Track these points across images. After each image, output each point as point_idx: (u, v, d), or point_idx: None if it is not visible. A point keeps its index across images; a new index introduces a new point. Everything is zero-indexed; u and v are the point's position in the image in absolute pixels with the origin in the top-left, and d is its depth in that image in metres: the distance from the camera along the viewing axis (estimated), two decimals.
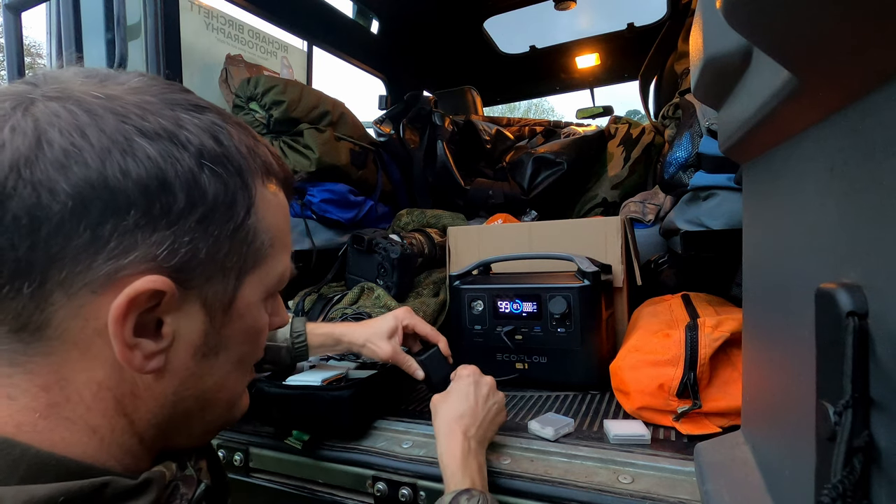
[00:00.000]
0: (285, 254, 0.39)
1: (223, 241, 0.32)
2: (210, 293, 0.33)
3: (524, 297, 0.88)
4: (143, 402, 0.32)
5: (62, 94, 0.29)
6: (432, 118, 1.75)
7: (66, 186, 0.27)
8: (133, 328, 0.30)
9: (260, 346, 0.40)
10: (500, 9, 2.08)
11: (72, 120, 0.28)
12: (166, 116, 0.31)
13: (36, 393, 0.29)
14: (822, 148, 0.28)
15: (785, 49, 0.24)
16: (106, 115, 0.29)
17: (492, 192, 1.65)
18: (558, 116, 13.17)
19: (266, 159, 0.36)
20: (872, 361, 0.21)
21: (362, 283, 1.15)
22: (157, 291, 0.30)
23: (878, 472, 0.21)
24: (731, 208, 0.74)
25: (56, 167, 0.27)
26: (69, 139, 0.28)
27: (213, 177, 0.32)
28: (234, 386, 0.38)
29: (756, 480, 0.40)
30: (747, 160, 0.46)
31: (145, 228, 0.29)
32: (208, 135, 0.32)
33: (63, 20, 0.84)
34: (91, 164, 0.28)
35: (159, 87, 0.33)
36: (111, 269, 0.29)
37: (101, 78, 0.32)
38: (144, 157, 0.29)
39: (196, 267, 0.31)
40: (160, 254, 0.30)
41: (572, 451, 0.64)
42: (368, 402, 0.76)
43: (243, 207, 0.33)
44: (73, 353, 0.30)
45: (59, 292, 0.28)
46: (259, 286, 0.36)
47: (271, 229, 0.36)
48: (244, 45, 1.70)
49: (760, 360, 0.43)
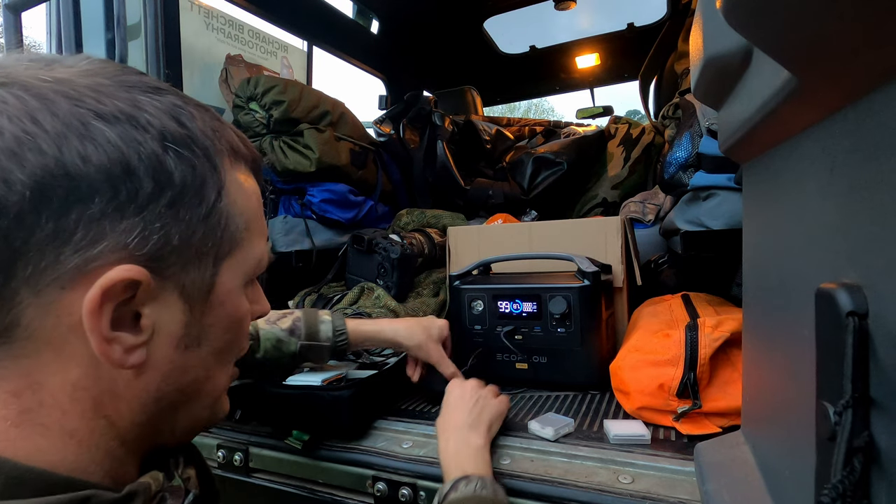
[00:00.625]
0: (261, 238, 0.38)
1: (196, 226, 0.31)
2: (187, 281, 0.32)
3: (524, 297, 0.88)
4: (123, 402, 0.31)
5: (6, 79, 0.27)
6: (432, 118, 1.75)
7: (21, 176, 0.25)
8: (110, 321, 0.28)
9: (243, 336, 0.38)
10: (500, 9, 2.08)
11: (20, 106, 0.26)
12: (123, 99, 0.29)
13: (6, 399, 0.28)
14: (822, 148, 0.28)
15: (785, 49, 0.24)
16: (57, 99, 0.27)
17: (492, 192, 1.65)
18: (558, 116, 13.17)
19: (232, 141, 0.35)
20: (872, 361, 0.21)
21: (362, 283, 1.15)
22: (132, 281, 0.28)
23: (878, 472, 0.21)
24: (731, 208, 0.74)
25: (8, 156, 0.25)
26: (20, 126, 0.26)
27: (179, 159, 0.30)
28: (217, 379, 0.37)
29: (756, 480, 0.40)
30: (747, 160, 0.46)
31: (112, 216, 0.28)
32: (169, 116, 0.30)
33: (63, 20, 0.84)
34: (47, 151, 0.26)
35: (112, 70, 0.31)
36: (80, 262, 0.27)
37: (46, 62, 0.30)
38: (104, 140, 0.27)
39: (170, 254, 0.30)
40: (131, 242, 0.28)
41: (572, 451, 0.64)
42: (368, 402, 0.76)
43: (213, 190, 0.32)
44: (46, 354, 0.28)
45: (25, 290, 0.27)
46: (238, 271, 0.35)
47: (245, 212, 0.35)
48: (244, 45, 1.70)
49: (760, 360, 0.43)
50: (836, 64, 0.23)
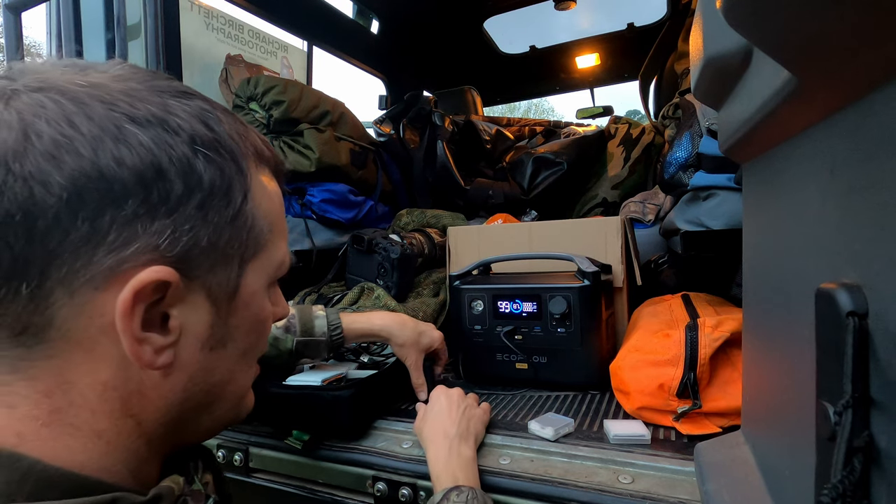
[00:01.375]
0: (283, 240, 0.38)
1: (223, 228, 0.32)
2: (214, 283, 0.32)
3: (524, 297, 0.88)
4: (150, 402, 0.31)
5: (44, 84, 0.28)
6: (432, 118, 1.75)
7: (59, 178, 0.26)
8: (141, 322, 0.29)
9: (265, 337, 0.39)
10: (500, 9, 2.08)
11: (58, 110, 0.27)
12: (154, 103, 0.30)
13: (38, 399, 0.28)
14: (822, 148, 0.28)
15: (785, 49, 0.24)
16: (93, 104, 0.28)
17: (492, 192, 1.65)
18: (558, 116, 13.17)
19: (257, 145, 0.36)
20: (872, 361, 0.21)
21: (362, 283, 1.15)
22: (163, 282, 0.29)
23: (878, 472, 0.21)
24: (731, 208, 0.74)
25: (47, 159, 0.26)
26: (58, 129, 0.26)
27: (208, 162, 0.31)
28: (241, 379, 0.37)
29: (756, 480, 0.40)
30: (747, 160, 0.46)
31: (144, 218, 0.28)
32: (198, 120, 0.31)
33: (63, 20, 0.84)
34: (84, 154, 0.26)
35: (143, 75, 0.32)
36: (113, 263, 0.28)
37: (81, 67, 0.30)
38: (137, 143, 0.28)
39: (198, 255, 0.31)
40: (161, 243, 0.29)
41: (572, 451, 0.64)
42: (368, 402, 0.76)
43: (240, 193, 0.33)
44: (77, 354, 0.28)
45: (59, 290, 0.27)
46: (262, 273, 0.36)
47: (269, 215, 0.36)
48: (244, 45, 1.70)
49: (760, 360, 0.43)
50: (836, 64, 0.23)
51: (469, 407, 0.69)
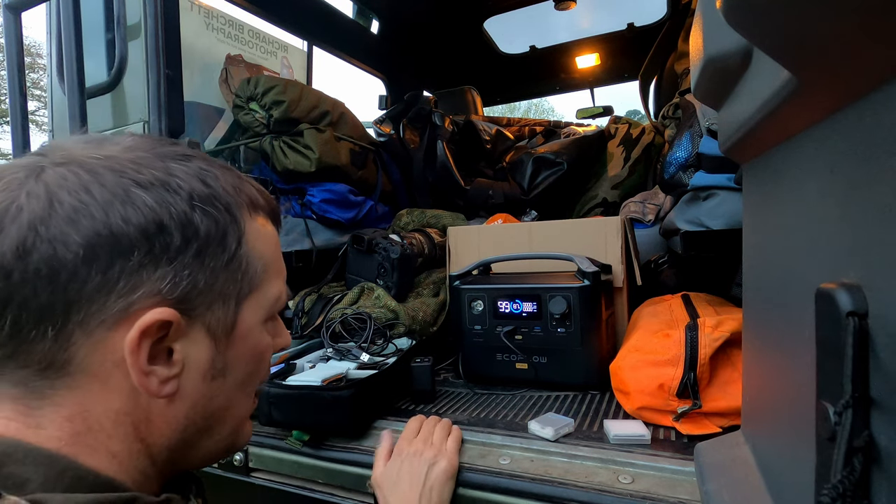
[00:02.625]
0: (279, 278, 0.42)
1: (219, 272, 0.36)
2: (212, 319, 0.36)
3: (524, 297, 0.88)
4: (157, 427, 0.36)
5: (67, 159, 0.33)
6: (432, 118, 1.75)
7: (77, 238, 0.31)
8: (147, 357, 0.33)
9: (264, 367, 0.43)
10: (500, 9, 2.08)
11: (77, 181, 0.32)
12: (158, 168, 0.35)
13: (61, 423, 0.32)
14: (822, 148, 0.28)
15: (785, 49, 0.24)
16: (105, 173, 0.33)
17: (492, 192, 1.65)
18: (558, 116, 13.18)
19: (251, 195, 0.40)
20: (872, 361, 0.21)
21: (362, 283, 1.15)
22: (165, 322, 0.33)
23: (878, 472, 0.21)
24: (731, 208, 0.74)
25: (67, 223, 0.31)
26: (77, 197, 0.31)
27: (205, 215, 0.35)
28: (239, 406, 0.41)
29: (756, 480, 0.40)
30: (747, 160, 0.46)
31: (149, 267, 0.33)
32: (197, 179, 0.36)
33: (63, 20, 0.84)
34: (97, 216, 0.31)
35: (150, 143, 0.37)
36: (123, 306, 0.32)
37: (98, 142, 0.36)
38: (142, 204, 0.33)
39: (197, 297, 0.35)
40: (164, 288, 0.33)
41: (572, 451, 0.64)
42: (368, 402, 0.76)
43: (234, 239, 0.37)
44: (94, 386, 0.33)
45: (78, 332, 0.32)
46: (258, 309, 0.40)
47: (263, 256, 0.40)
48: (244, 45, 1.70)
49: (760, 360, 0.43)
50: (836, 64, 0.23)
51: (433, 465, 0.63)
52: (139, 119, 1.00)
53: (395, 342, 0.96)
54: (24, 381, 0.32)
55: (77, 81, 0.84)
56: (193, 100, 1.43)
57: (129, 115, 1.03)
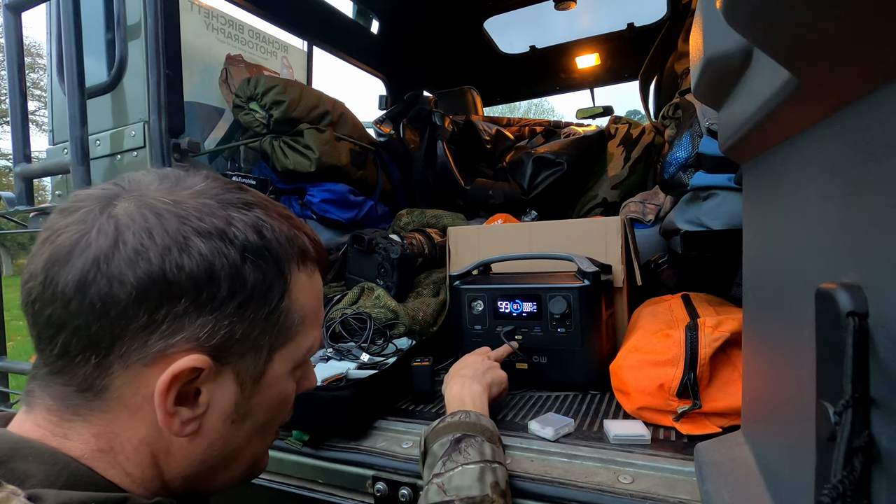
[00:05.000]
0: (315, 328, 0.43)
1: (258, 323, 0.37)
2: (243, 368, 0.37)
3: (524, 297, 0.88)
4: (174, 459, 0.37)
5: (139, 198, 0.35)
6: (432, 118, 1.75)
7: (132, 279, 0.32)
8: (175, 398, 0.34)
9: (286, 411, 0.44)
10: (500, 9, 2.08)
11: (143, 223, 0.34)
12: (219, 217, 0.36)
13: (88, 438, 0.34)
14: (822, 148, 0.28)
15: (785, 49, 0.24)
16: (170, 218, 0.34)
17: (492, 192, 1.65)
18: (558, 116, 13.18)
19: (303, 246, 0.41)
20: (872, 361, 0.21)
21: (362, 283, 1.15)
22: (197, 368, 0.34)
23: (878, 472, 0.21)
24: (731, 208, 0.74)
25: (127, 263, 0.32)
26: (139, 239, 0.33)
27: (254, 268, 0.36)
28: (256, 446, 0.42)
29: (756, 480, 0.40)
30: (747, 160, 0.46)
31: (192, 314, 0.34)
32: (253, 229, 0.37)
33: (63, 20, 0.84)
34: (154, 262, 0.33)
35: (219, 188, 0.38)
36: (161, 347, 0.34)
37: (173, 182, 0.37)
38: (197, 253, 0.34)
39: (232, 346, 0.36)
40: (202, 335, 0.34)
41: (572, 451, 0.64)
42: (368, 402, 0.76)
43: (278, 293, 0.38)
44: (124, 413, 0.35)
45: (118, 364, 0.33)
46: (289, 360, 0.41)
47: (303, 309, 0.41)
48: (244, 45, 1.70)
49: (760, 360, 0.43)
50: (836, 64, 0.23)
51: (492, 367, 0.76)
52: (139, 119, 1.00)
53: (395, 342, 0.96)
54: (63, 397, 0.34)
55: (77, 81, 0.84)
56: (193, 100, 1.43)
57: (129, 115, 1.03)
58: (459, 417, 0.61)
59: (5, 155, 14.00)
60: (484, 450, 0.57)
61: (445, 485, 0.53)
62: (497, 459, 0.57)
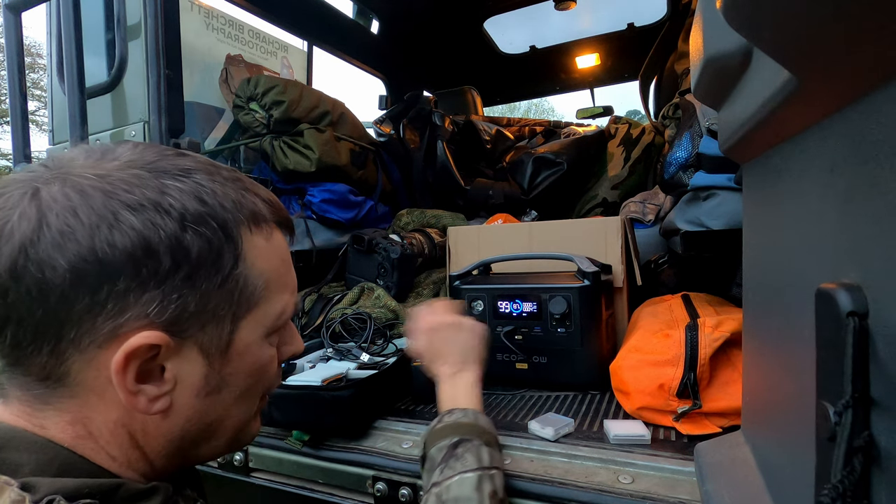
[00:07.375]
0: (283, 292, 0.41)
1: (211, 293, 0.35)
2: (205, 339, 0.36)
3: (524, 297, 0.88)
4: (153, 438, 0.36)
5: (63, 176, 0.33)
6: (432, 118, 1.75)
7: (63, 262, 0.31)
8: (135, 377, 0.33)
9: (268, 377, 0.42)
10: (500, 9, 2.08)
11: (66, 202, 0.32)
12: (151, 187, 0.34)
13: (64, 426, 0.34)
14: (822, 148, 0.28)
15: (785, 49, 0.24)
16: (95, 195, 0.33)
17: (492, 192, 1.65)
18: (558, 116, 13.18)
19: (254, 208, 0.39)
20: (872, 361, 0.21)
21: (362, 283, 1.15)
22: (154, 345, 0.33)
23: (878, 472, 0.21)
24: (731, 208, 0.74)
25: (54, 247, 0.31)
26: (64, 220, 0.31)
27: (197, 236, 0.34)
28: (240, 414, 0.41)
29: (756, 480, 0.40)
30: (747, 160, 0.46)
31: (136, 291, 0.33)
32: (192, 197, 0.35)
33: (63, 20, 0.84)
34: (82, 242, 0.31)
35: (151, 157, 0.36)
36: (112, 327, 0.33)
37: (99, 155, 0.35)
38: (129, 228, 0.32)
39: (188, 319, 0.35)
40: (151, 312, 0.33)
41: (572, 451, 0.64)
42: (368, 402, 0.76)
43: (230, 260, 0.36)
44: (92, 398, 0.34)
45: (71, 349, 0.33)
46: (258, 326, 0.39)
47: (265, 273, 0.39)
48: (244, 45, 1.70)
49: (760, 360, 0.43)
50: (836, 64, 0.23)
51: (470, 336, 0.70)
52: (139, 119, 1.00)
53: (395, 342, 0.96)
54: (28, 387, 0.34)
55: (77, 81, 0.84)
56: (193, 100, 1.43)
57: (129, 115, 1.03)
58: (457, 418, 0.60)
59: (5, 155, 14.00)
60: (482, 455, 0.56)
61: (444, 495, 0.52)
62: (494, 465, 0.56)
